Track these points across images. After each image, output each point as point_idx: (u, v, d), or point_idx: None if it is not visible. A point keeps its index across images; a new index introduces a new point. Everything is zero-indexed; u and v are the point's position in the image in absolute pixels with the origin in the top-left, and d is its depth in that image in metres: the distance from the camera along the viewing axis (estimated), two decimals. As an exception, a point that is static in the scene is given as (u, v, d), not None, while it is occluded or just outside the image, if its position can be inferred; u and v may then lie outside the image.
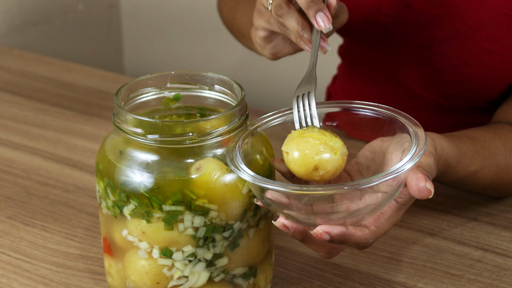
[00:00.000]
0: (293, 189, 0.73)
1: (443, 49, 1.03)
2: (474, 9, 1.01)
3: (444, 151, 0.85)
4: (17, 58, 1.55)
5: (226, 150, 0.78)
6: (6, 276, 0.94)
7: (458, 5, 1.01)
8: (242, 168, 0.75)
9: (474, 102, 1.07)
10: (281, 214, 0.76)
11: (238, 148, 0.78)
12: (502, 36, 1.00)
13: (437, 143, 0.84)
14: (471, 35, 1.01)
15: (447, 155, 0.86)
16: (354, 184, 0.72)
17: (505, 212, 1.04)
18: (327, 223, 0.74)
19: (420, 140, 0.76)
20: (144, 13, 2.06)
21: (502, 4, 0.99)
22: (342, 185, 0.72)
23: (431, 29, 1.03)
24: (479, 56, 1.02)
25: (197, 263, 0.81)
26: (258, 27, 0.95)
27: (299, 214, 0.75)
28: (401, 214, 0.78)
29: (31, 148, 1.21)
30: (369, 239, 0.76)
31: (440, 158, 0.84)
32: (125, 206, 0.80)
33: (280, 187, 0.73)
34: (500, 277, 0.93)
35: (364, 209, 0.75)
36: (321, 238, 0.73)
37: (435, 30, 1.03)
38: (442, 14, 1.02)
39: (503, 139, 0.97)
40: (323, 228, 0.73)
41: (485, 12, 1.00)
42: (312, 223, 0.75)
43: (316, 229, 0.74)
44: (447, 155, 0.86)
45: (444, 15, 1.02)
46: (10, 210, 1.06)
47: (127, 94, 0.85)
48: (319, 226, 0.74)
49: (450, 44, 1.03)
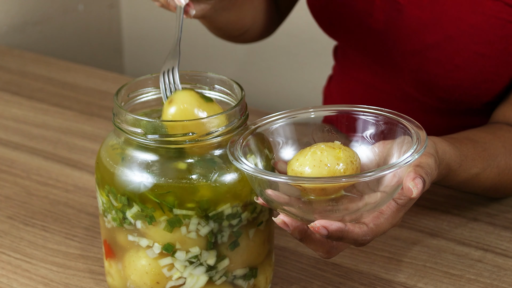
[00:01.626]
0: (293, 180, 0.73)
1: (435, 53, 1.03)
2: (465, 14, 1.01)
3: (446, 154, 0.85)
4: (17, 58, 1.55)
5: (227, 145, 0.78)
6: (6, 276, 0.94)
7: (450, 10, 1.01)
8: (243, 161, 0.76)
9: (469, 104, 1.07)
10: (281, 212, 0.76)
11: (239, 145, 0.78)
12: (494, 39, 1.00)
13: (438, 147, 0.84)
14: (463, 40, 1.01)
15: (448, 158, 0.86)
16: (352, 176, 0.72)
17: (505, 212, 1.04)
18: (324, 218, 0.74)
19: (421, 140, 0.76)
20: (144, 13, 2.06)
21: (494, 8, 0.99)
22: (340, 177, 0.72)
23: (423, 34, 1.03)
24: (472, 60, 1.02)
25: (197, 266, 0.81)
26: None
27: (299, 211, 0.75)
28: (400, 215, 0.78)
29: (31, 148, 1.21)
30: (367, 236, 0.76)
31: (441, 161, 0.84)
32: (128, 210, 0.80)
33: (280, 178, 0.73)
34: (500, 277, 0.93)
35: (364, 207, 0.75)
36: (318, 232, 0.73)
37: (427, 35, 1.03)
38: (433, 19, 1.03)
39: (502, 140, 0.97)
40: (321, 223, 0.73)
41: (476, 16, 1.00)
42: (311, 220, 0.75)
43: (314, 223, 0.73)
44: (449, 158, 0.86)
45: (436, 20, 1.02)
46: (10, 210, 1.06)
47: (127, 94, 0.85)
48: (317, 220, 0.74)
49: (442, 49, 1.03)
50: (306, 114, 0.84)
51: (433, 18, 1.02)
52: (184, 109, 0.81)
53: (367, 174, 0.72)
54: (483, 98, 1.05)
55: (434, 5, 1.02)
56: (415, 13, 1.03)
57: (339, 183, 0.73)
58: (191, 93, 0.82)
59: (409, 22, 1.04)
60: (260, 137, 0.83)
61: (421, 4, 1.02)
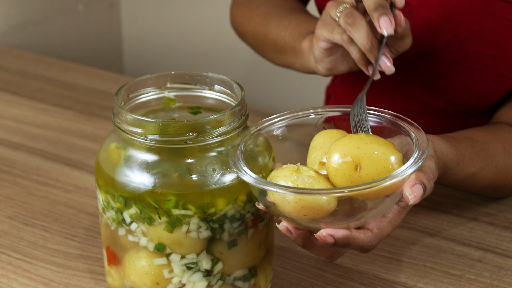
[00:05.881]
0: (295, 191, 0.72)
1: (445, 55, 1.03)
2: (476, 15, 1.00)
3: (443, 153, 0.85)
4: (17, 58, 1.55)
5: (228, 151, 0.78)
6: (6, 276, 0.94)
7: (460, 11, 1.01)
8: (244, 170, 0.75)
9: (476, 106, 1.07)
10: (283, 218, 0.76)
11: (240, 151, 0.78)
12: (504, 41, 1.00)
13: (436, 145, 0.84)
14: (473, 41, 1.01)
15: (445, 157, 0.86)
16: (357, 187, 0.72)
17: (505, 212, 1.04)
18: (329, 226, 0.74)
19: (422, 144, 0.76)
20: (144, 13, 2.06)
21: (504, 9, 0.99)
22: (344, 188, 0.72)
23: (433, 35, 1.03)
24: (482, 62, 1.02)
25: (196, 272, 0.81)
26: (320, 37, 0.93)
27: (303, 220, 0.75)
28: (402, 217, 0.79)
29: (31, 148, 1.21)
30: (372, 241, 0.76)
31: (439, 160, 0.84)
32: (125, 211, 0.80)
33: (281, 189, 0.72)
34: (500, 277, 0.93)
35: (367, 213, 0.75)
36: (325, 241, 0.74)
37: (437, 36, 1.03)
38: (444, 21, 1.02)
39: (502, 140, 0.97)
40: (327, 231, 0.74)
41: (487, 18, 1.00)
42: (314, 227, 0.75)
43: (320, 232, 0.74)
44: (446, 157, 0.86)
45: (446, 21, 1.02)
46: (10, 210, 1.06)
47: (127, 94, 0.85)
48: (322, 229, 0.74)
49: (452, 50, 1.02)
50: (307, 115, 0.83)
51: (444, 19, 1.02)
52: None
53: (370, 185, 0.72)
54: (490, 100, 1.05)
55: (445, 7, 1.01)
56: (426, 14, 1.02)
57: (342, 194, 0.72)
58: None
59: (419, 23, 1.03)
60: (261, 139, 0.82)
61: (432, 5, 1.02)
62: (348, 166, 0.74)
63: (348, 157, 0.74)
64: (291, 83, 1.92)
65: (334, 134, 0.79)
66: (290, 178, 0.74)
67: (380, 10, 0.85)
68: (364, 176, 0.73)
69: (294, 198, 0.72)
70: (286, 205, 0.73)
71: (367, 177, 0.73)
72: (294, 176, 0.74)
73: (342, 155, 0.74)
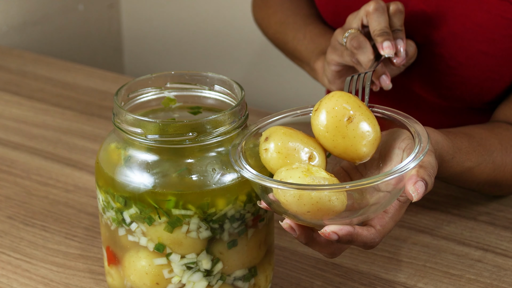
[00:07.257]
0: (297, 187, 0.72)
1: (439, 49, 1.03)
2: (471, 11, 1.01)
3: (438, 145, 0.86)
4: (17, 58, 1.55)
5: (229, 150, 0.78)
6: (6, 276, 0.94)
7: (456, 6, 1.02)
8: (246, 167, 0.75)
9: (470, 103, 1.07)
10: (286, 216, 0.76)
11: (241, 149, 0.78)
12: (498, 38, 1.00)
13: (431, 137, 0.84)
14: (467, 37, 1.02)
15: (441, 149, 0.86)
16: (357, 184, 0.72)
17: (505, 212, 1.04)
18: (333, 222, 0.74)
19: (422, 138, 0.76)
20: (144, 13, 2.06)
21: (500, 7, 0.99)
22: (345, 184, 0.72)
23: (428, 29, 1.04)
24: (475, 58, 1.02)
25: (196, 272, 0.81)
26: (331, 62, 1.02)
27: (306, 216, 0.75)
28: (403, 212, 0.79)
29: (31, 148, 1.22)
30: (375, 238, 0.76)
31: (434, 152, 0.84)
32: (125, 211, 0.80)
33: (283, 185, 0.72)
34: (500, 277, 0.93)
35: (368, 208, 0.75)
36: (329, 238, 0.74)
37: (431, 31, 1.03)
38: (439, 15, 1.03)
39: (499, 137, 0.97)
40: (330, 228, 0.74)
41: (482, 14, 1.00)
42: (316, 223, 0.75)
43: (324, 229, 0.74)
44: (441, 149, 0.86)
45: (441, 15, 1.02)
46: (10, 210, 1.06)
47: (127, 94, 0.85)
48: (326, 226, 0.74)
49: (446, 45, 1.03)
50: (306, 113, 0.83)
51: (438, 13, 1.02)
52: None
53: (371, 180, 0.72)
54: (485, 97, 1.06)
55: (440, 1, 1.02)
56: (421, 7, 1.03)
57: (343, 189, 0.73)
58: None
59: (414, 16, 1.04)
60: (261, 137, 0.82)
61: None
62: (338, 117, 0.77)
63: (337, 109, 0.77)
64: (291, 83, 1.92)
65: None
66: (304, 180, 0.74)
67: (384, 36, 0.95)
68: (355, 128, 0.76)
69: (301, 195, 0.72)
70: (293, 203, 0.73)
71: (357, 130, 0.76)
72: (308, 179, 0.74)
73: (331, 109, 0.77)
